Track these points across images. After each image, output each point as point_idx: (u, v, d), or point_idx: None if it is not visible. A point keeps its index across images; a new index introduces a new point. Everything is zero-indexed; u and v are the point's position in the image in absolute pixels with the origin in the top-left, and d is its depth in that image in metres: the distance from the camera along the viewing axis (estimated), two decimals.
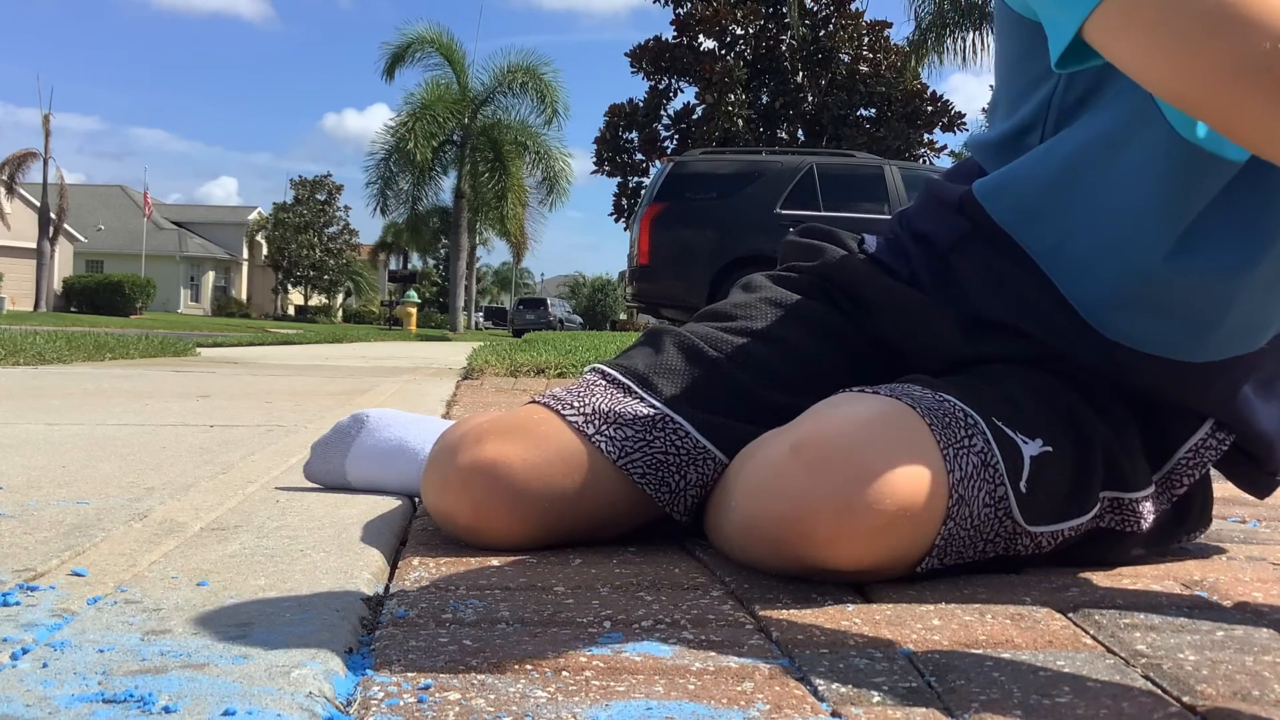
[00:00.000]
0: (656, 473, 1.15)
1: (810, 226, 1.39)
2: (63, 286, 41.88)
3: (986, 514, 1.02)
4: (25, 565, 1.01)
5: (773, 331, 1.24)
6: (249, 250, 54.76)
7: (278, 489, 1.53)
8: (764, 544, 1.01)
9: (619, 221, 29.67)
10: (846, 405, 1.03)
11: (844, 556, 0.97)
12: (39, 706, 0.64)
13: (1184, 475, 1.18)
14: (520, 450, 1.13)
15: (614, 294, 70.25)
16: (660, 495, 1.16)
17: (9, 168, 37.16)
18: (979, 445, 1.02)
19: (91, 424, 2.40)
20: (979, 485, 1.01)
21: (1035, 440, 1.06)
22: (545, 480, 1.13)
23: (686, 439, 1.16)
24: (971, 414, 1.03)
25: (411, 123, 24.62)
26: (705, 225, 9.34)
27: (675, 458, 1.16)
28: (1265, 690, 0.74)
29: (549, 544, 1.16)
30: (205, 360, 6.51)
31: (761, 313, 1.26)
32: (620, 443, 1.14)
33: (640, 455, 1.15)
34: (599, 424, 1.15)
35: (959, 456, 1.00)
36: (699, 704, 0.69)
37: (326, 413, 2.80)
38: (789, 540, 0.98)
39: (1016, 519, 1.04)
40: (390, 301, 36.89)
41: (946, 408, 1.03)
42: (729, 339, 1.23)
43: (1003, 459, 1.03)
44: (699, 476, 1.16)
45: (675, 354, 1.21)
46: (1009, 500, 1.03)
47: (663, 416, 1.16)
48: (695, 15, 28.55)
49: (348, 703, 0.69)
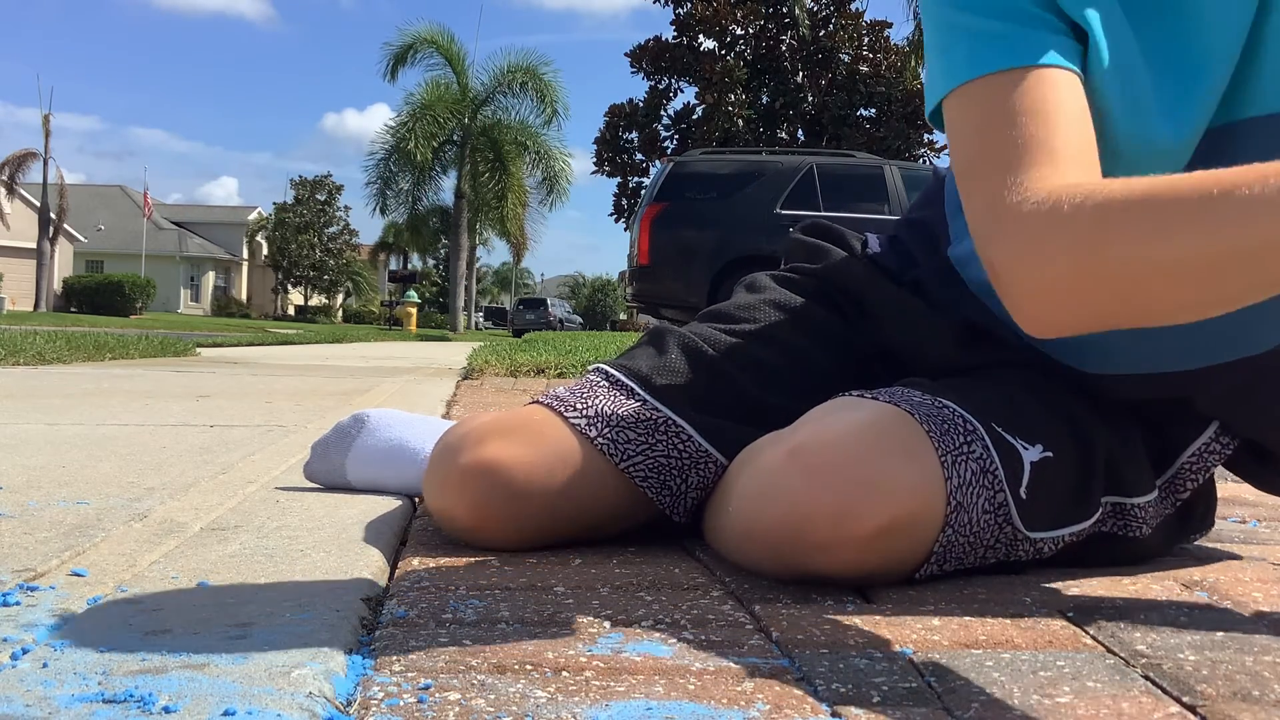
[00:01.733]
0: (658, 476, 1.15)
1: (815, 224, 1.39)
2: (63, 286, 41.88)
3: (986, 520, 1.02)
4: (25, 565, 1.01)
5: (776, 334, 1.24)
6: (249, 250, 54.76)
7: (278, 489, 1.53)
8: (761, 549, 1.01)
9: (619, 221, 29.67)
10: (844, 411, 1.03)
11: (840, 563, 0.97)
12: (39, 706, 0.64)
13: (1188, 479, 1.17)
14: (521, 451, 1.13)
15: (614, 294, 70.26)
16: (661, 498, 1.16)
17: (9, 168, 37.17)
18: (978, 452, 1.01)
19: (91, 424, 2.40)
20: (978, 492, 1.01)
21: (1036, 446, 1.05)
22: (546, 481, 1.13)
23: (689, 442, 1.16)
24: (971, 420, 1.03)
25: (411, 123, 24.63)
26: (705, 225, 9.34)
27: (677, 461, 1.15)
28: (1265, 690, 0.74)
29: (549, 544, 1.16)
30: (205, 360, 6.50)
31: (765, 315, 1.26)
32: (622, 445, 1.14)
33: (642, 458, 1.15)
34: (601, 426, 1.15)
35: (957, 463, 1.00)
36: (699, 704, 0.69)
37: (326, 413, 2.80)
38: (785, 546, 0.98)
39: (1017, 525, 1.03)
40: (390, 301, 36.86)
41: (945, 413, 1.02)
42: (732, 341, 1.23)
43: (1002, 466, 1.02)
44: (700, 479, 1.16)
45: (678, 355, 1.21)
46: (1009, 507, 1.02)
47: (665, 419, 1.16)
48: (695, 15, 28.55)
49: (348, 703, 0.69)
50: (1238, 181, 0.76)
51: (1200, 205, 0.77)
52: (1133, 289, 0.82)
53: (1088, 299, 0.84)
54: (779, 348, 1.23)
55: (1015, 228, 0.87)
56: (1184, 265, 0.78)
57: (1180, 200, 0.78)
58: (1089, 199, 0.83)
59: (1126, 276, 0.81)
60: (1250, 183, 0.75)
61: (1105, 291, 0.83)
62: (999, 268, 0.89)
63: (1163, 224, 0.79)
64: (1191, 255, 0.78)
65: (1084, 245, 0.82)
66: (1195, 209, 0.77)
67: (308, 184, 53.33)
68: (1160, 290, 0.81)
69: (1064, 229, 0.83)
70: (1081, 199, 0.83)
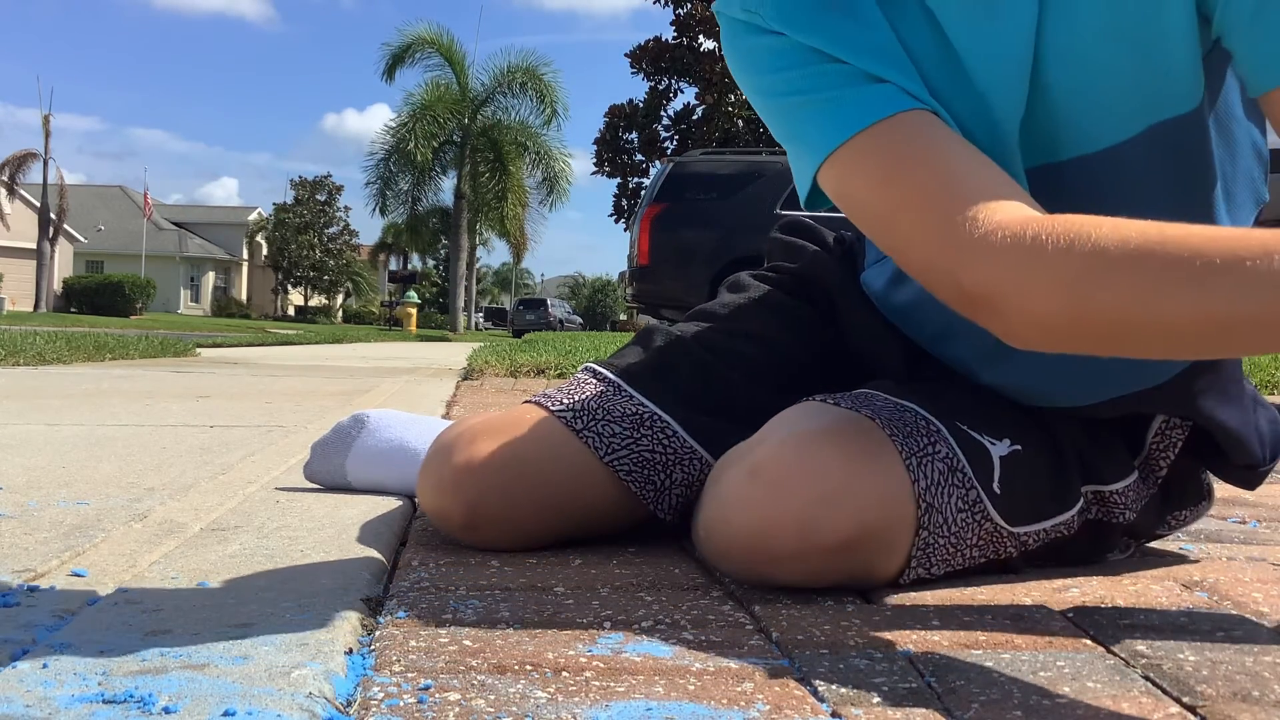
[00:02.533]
0: (642, 470, 1.16)
1: (794, 221, 1.41)
2: (63, 287, 41.88)
3: (963, 519, 1.02)
4: (25, 565, 1.01)
5: (759, 331, 1.26)
6: (249, 251, 54.76)
7: (278, 489, 1.53)
8: (735, 567, 1.01)
9: (619, 222, 29.71)
10: (805, 420, 1.03)
11: (814, 573, 0.97)
12: (39, 706, 0.64)
13: (1158, 458, 1.18)
14: (512, 449, 1.14)
15: (614, 294, 70.28)
16: (645, 493, 1.17)
17: (9, 168, 37.17)
18: (943, 451, 1.02)
19: (91, 424, 2.40)
20: (949, 491, 1.01)
21: (1003, 440, 1.06)
22: (536, 479, 1.14)
23: (674, 438, 1.17)
24: (933, 421, 1.04)
25: (411, 123, 24.64)
26: (705, 225, 9.34)
27: (662, 456, 1.17)
28: (1265, 690, 0.74)
29: (544, 543, 1.17)
30: (205, 360, 6.51)
31: (749, 313, 1.28)
32: (608, 439, 1.16)
33: (627, 452, 1.16)
34: (587, 420, 1.16)
35: (923, 464, 1.00)
36: (699, 704, 0.69)
37: (326, 413, 2.80)
38: (757, 563, 0.98)
39: (995, 520, 1.04)
40: (390, 302, 36.90)
41: (908, 416, 1.03)
42: (718, 339, 1.25)
43: (969, 463, 1.03)
44: (684, 476, 1.17)
45: (665, 353, 1.23)
46: (983, 502, 1.03)
47: (650, 414, 1.18)
48: (695, 15, 28.58)
49: (348, 703, 0.69)
50: (1239, 251, 0.75)
51: (1203, 273, 0.75)
52: (1127, 335, 0.81)
53: (1081, 334, 0.83)
54: (763, 344, 1.25)
55: (992, 258, 0.85)
56: (1181, 322, 0.77)
57: (1180, 263, 0.77)
58: (1077, 244, 0.81)
59: (1121, 324, 0.80)
60: (1254, 255, 0.74)
61: (1099, 332, 0.82)
62: (979, 297, 0.87)
63: (1161, 285, 0.77)
64: (1189, 316, 0.77)
65: (1077, 293, 0.80)
66: (1197, 275, 0.76)
67: (307, 184, 53.33)
68: (1156, 338, 0.80)
69: (1052, 271, 0.82)
70: (1068, 243, 0.81)
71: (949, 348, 1.17)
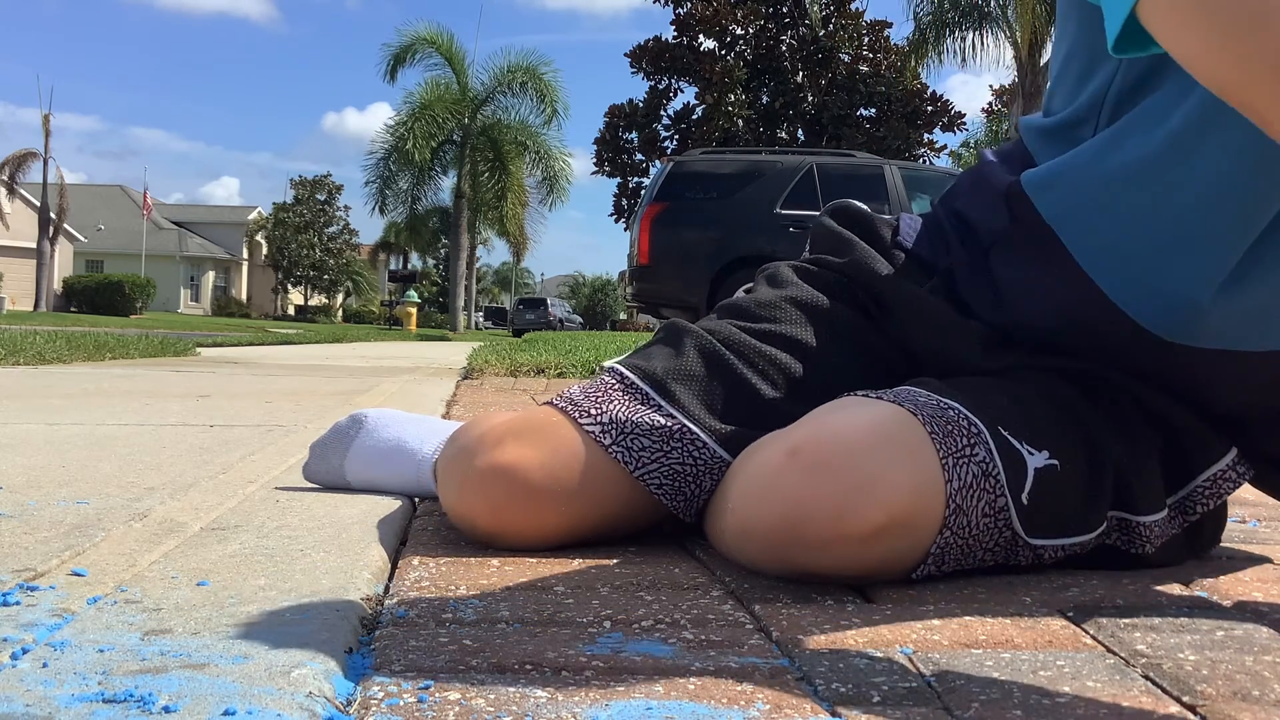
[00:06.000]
0: (673, 483, 1.14)
1: (844, 207, 1.33)
2: (63, 286, 41.87)
3: (986, 524, 1.01)
4: (25, 565, 1.01)
5: (797, 336, 1.20)
6: (249, 250, 54.75)
7: (278, 489, 1.53)
8: (758, 546, 1.00)
9: (619, 221, 29.70)
10: (848, 410, 1.02)
11: (838, 561, 0.97)
12: (39, 706, 0.64)
13: (1199, 502, 1.15)
14: (538, 454, 1.13)
15: (614, 294, 70.22)
16: (675, 504, 1.16)
17: (9, 168, 37.16)
18: (980, 455, 1.01)
19: (91, 424, 2.40)
20: (978, 496, 1.00)
21: (1042, 452, 1.04)
22: (562, 486, 1.13)
23: (704, 450, 1.14)
24: (976, 422, 1.02)
25: (411, 122, 24.64)
26: (705, 225, 9.34)
27: (692, 469, 1.14)
28: (1265, 690, 0.74)
29: (566, 544, 1.16)
30: (205, 360, 6.50)
31: (786, 314, 1.22)
32: (637, 454, 1.14)
33: (657, 466, 1.14)
34: (615, 434, 1.14)
35: (958, 466, 0.99)
36: (699, 704, 0.69)
37: (326, 412, 2.80)
38: (783, 544, 0.98)
39: (1017, 530, 1.03)
40: (390, 301, 36.90)
41: (950, 415, 1.02)
42: (752, 343, 1.19)
43: (1004, 469, 1.01)
44: (714, 484, 1.15)
45: (695, 359, 1.18)
46: (1009, 511, 1.02)
47: (680, 428, 1.14)
48: (695, 15, 28.57)
49: (348, 703, 0.69)
50: None
51: None
52: None
53: None
54: (800, 351, 1.20)
55: None
56: None
57: None
58: None
59: None
60: None
61: None
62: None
63: None
64: None
65: None
66: None
67: (307, 184, 53.34)
68: None
69: None
70: None
71: (1177, 266, 1.06)
